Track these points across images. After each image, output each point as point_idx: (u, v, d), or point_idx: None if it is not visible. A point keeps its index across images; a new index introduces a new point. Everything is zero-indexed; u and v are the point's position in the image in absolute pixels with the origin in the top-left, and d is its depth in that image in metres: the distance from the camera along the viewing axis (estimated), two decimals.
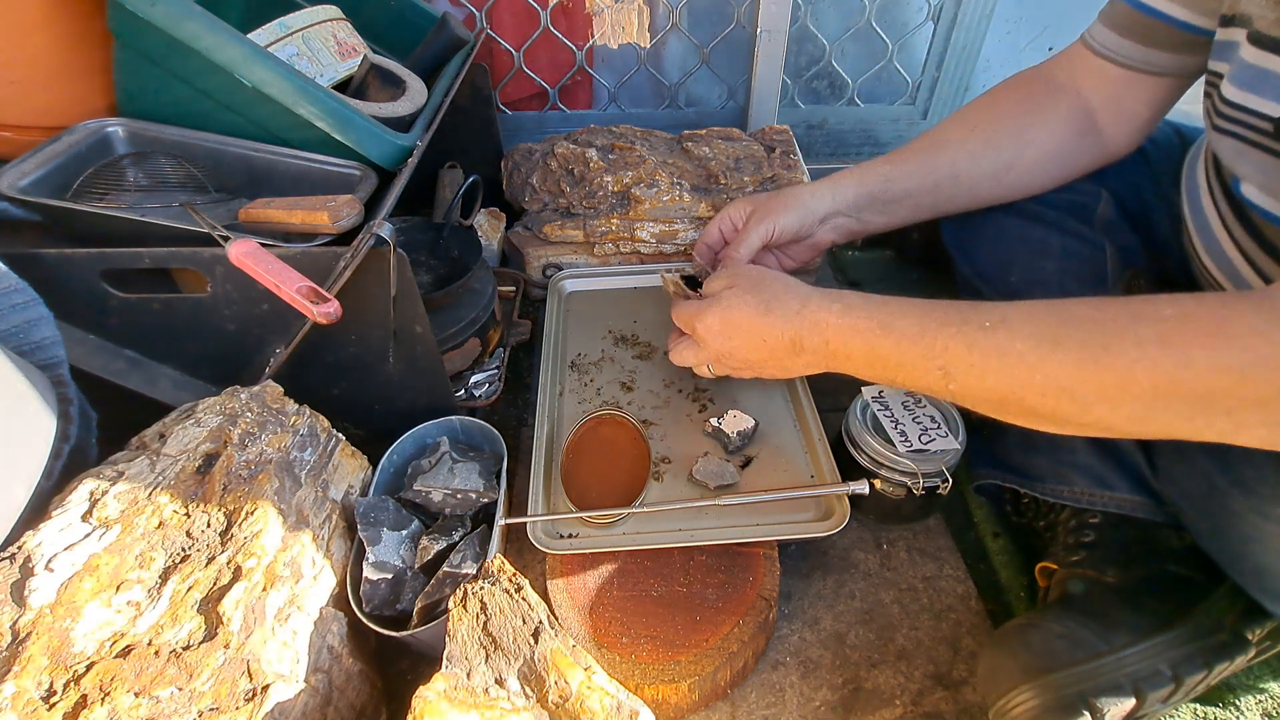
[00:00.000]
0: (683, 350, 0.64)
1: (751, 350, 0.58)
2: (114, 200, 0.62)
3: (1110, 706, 0.48)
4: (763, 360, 0.58)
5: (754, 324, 0.56)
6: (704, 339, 0.60)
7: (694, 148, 0.99)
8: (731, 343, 0.58)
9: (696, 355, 0.63)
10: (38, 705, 0.38)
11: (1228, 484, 0.50)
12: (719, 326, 0.58)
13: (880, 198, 0.69)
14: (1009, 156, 0.66)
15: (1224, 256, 0.55)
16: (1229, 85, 0.49)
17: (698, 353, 0.63)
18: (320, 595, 0.53)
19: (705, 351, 0.62)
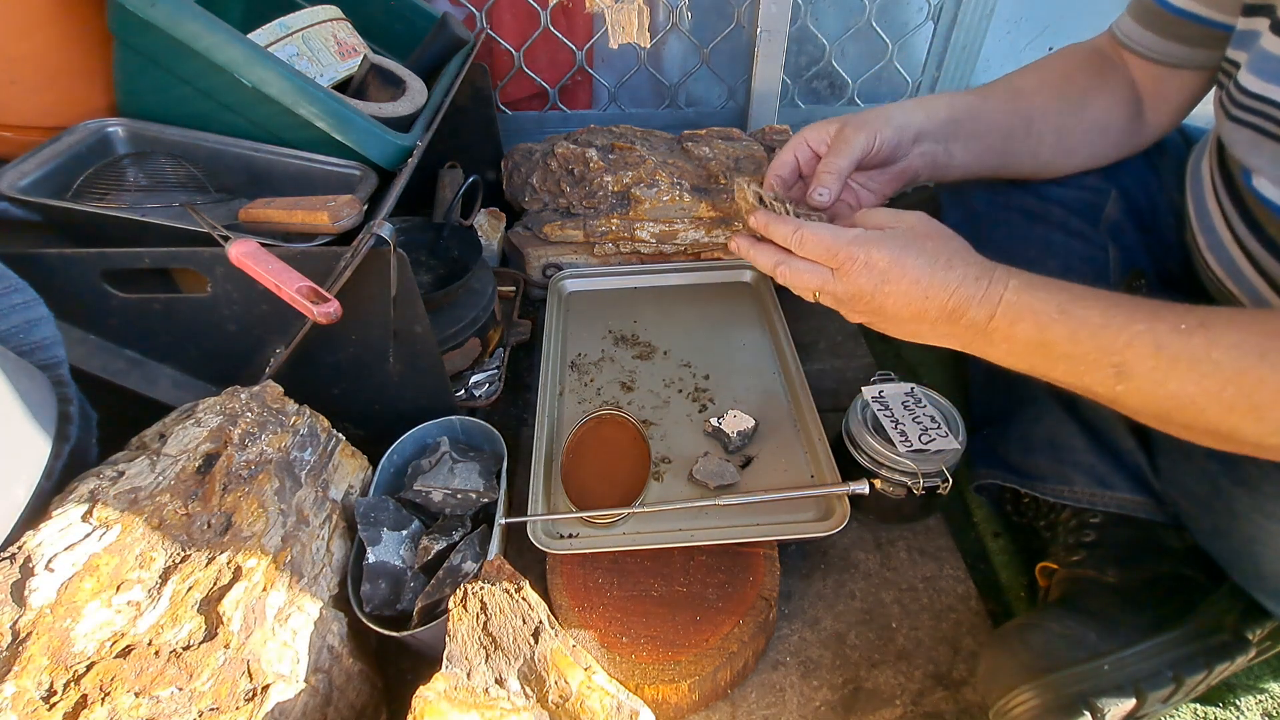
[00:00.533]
0: (804, 274, 0.53)
1: (902, 303, 0.49)
2: (114, 200, 0.62)
3: (1111, 707, 0.48)
4: (904, 317, 0.50)
5: (923, 277, 0.48)
6: (849, 273, 0.50)
7: (694, 148, 0.99)
8: (884, 288, 0.49)
9: (822, 283, 0.53)
10: (38, 705, 0.38)
11: (1232, 485, 0.50)
12: (884, 266, 0.49)
13: (968, 128, 0.64)
14: (1070, 120, 0.65)
15: (1226, 253, 0.55)
16: (1247, 74, 0.48)
17: (826, 282, 0.52)
18: (320, 595, 0.53)
19: (840, 285, 0.51)
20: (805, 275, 0.54)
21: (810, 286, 0.54)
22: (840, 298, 0.52)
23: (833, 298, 0.53)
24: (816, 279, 0.53)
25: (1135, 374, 0.42)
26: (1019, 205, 0.69)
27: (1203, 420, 0.40)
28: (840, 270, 0.51)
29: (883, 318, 0.52)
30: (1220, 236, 0.56)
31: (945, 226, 0.52)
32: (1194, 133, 0.71)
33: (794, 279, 0.54)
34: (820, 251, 0.51)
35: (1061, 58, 0.67)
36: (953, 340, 0.50)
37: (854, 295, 0.51)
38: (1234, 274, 0.55)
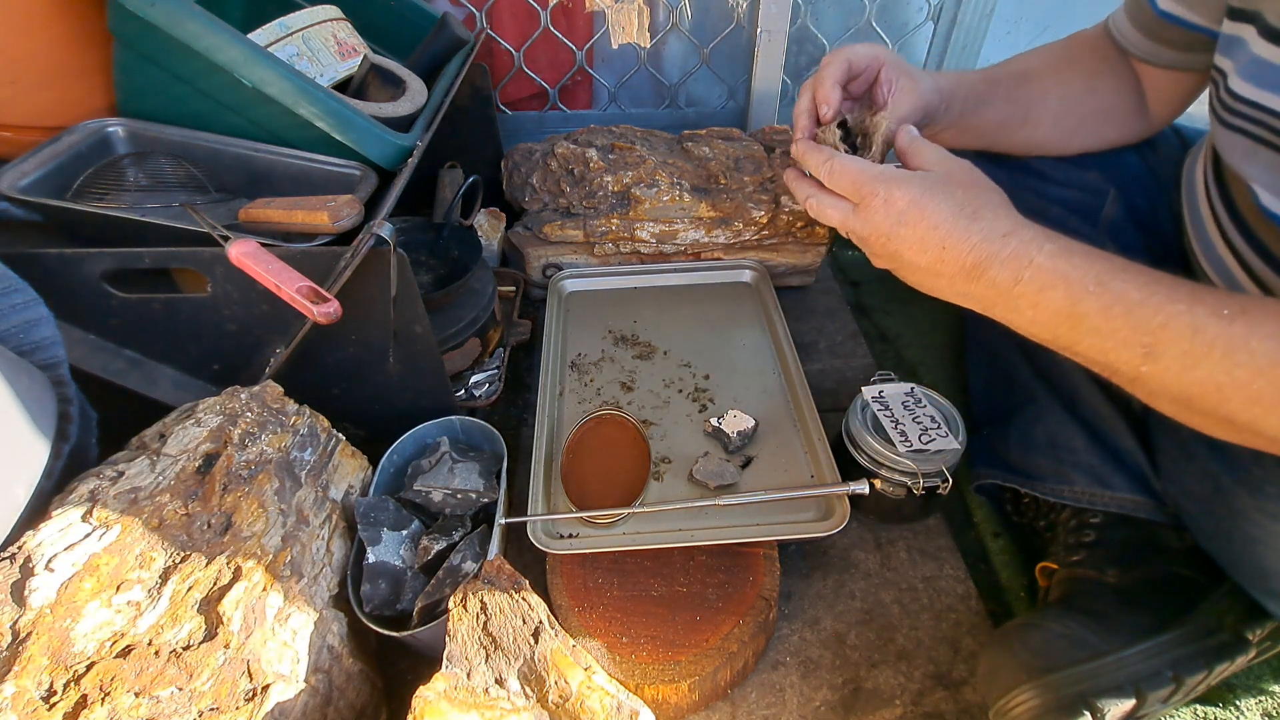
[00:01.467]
0: (828, 209, 0.51)
1: (917, 250, 0.46)
2: (114, 200, 0.62)
3: (1110, 707, 0.48)
4: (920, 266, 0.47)
5: (943, 224, 0.45)
6: (869, 209, 0.48)
7: (694, 148, 0.99)
8: (900, 230, 0.47)
9: (843, 218, 0.51)
10: (38, 705, 0.38)
11: (1234, 484, 0.50)
12: (903, 206, 0.46)
13: (979, 94, 0.64)
14: (1072, 104, 0.65)
15: (1218, 258, 0.55)
16: (1239, 81, 0.48)
17: (847, 217, 0.50)
18: (320, 595, 0.53)
19: (858, 221, 0.49)
20: (829, 209, 0.51)
21: (832, 221, 0.52)
22: (861, 236, 0.50)
23: (856, 236, 0.51)
24: (839, 214, 0.51)
25: (1165, 356, 0.39)
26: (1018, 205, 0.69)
27: (1224, 409, 0.39)
28: (861, 205, 0.48)
29: (899, 264, 0.49)
30: (1212, 241, 0.56)
31: (987, 178, 0.49)
32: (1190, 133, 0.71)
33: (819, 212, 0.52)
34: (846, 184, 0.49)
35: (1070, 41, 0.67)
36: (972, 301, 0.47)
37: (871, 234, 0.49)
38: (1226, 279, 0.55)
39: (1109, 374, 0.43)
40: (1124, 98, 0.65)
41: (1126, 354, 0.41)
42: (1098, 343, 0.42)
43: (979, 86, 0.64)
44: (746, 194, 0.94)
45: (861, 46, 0.59)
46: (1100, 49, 0.65)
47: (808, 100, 0.59)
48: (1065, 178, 0.68)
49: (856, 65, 0.59)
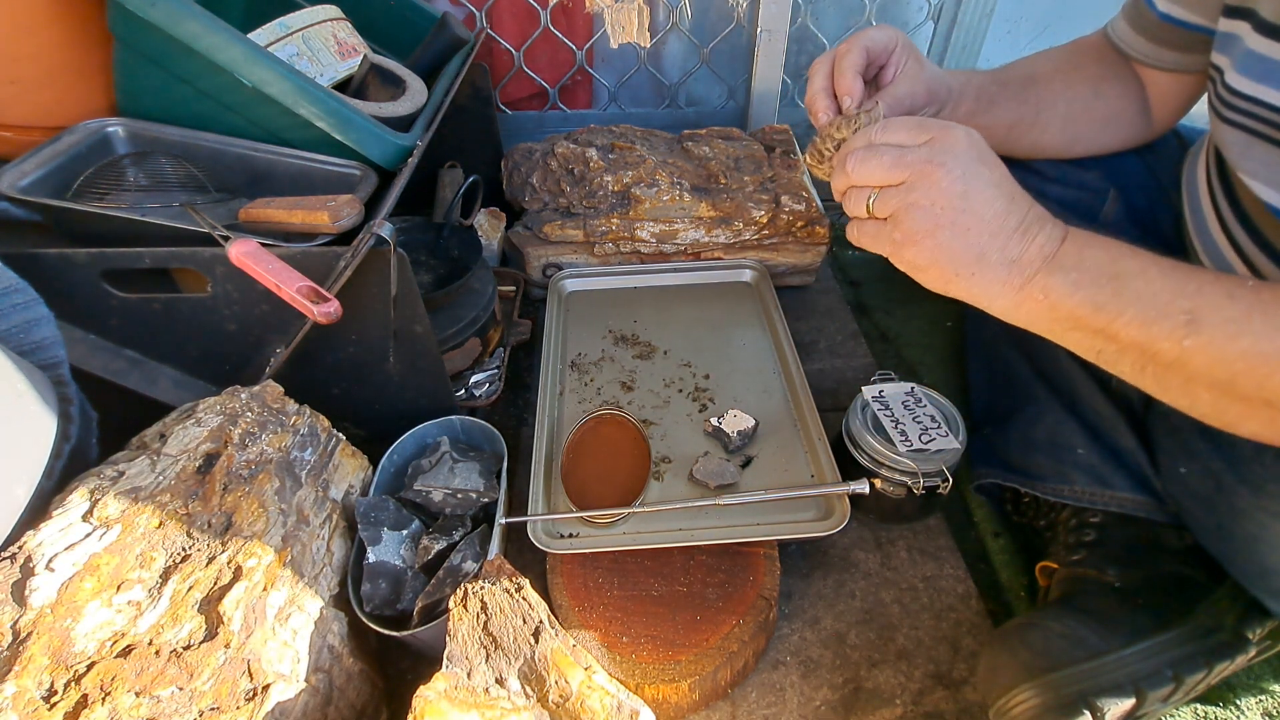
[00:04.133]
0: (883, 155, 0.43)
1: (985, 200, 0.41)
2: (114, 200, 0.62)
3: (1110, 706, 0.48)
4: (983, 221, 0.41)
5: (1006, 177, 0.42)
6: (942, 146, 0.42)
7: (694, 147, 0.99)
8: (980, 169, 0.42)
9: (887, 173, 0.43)
10: (38, 705, 0.38)
11: (1235, 482, 0.50)
12: (979, 151, 0.42)
13: (990, 93, 0.63)
14: (1078, 109, 0.65)
15: (1219, 254, 0.55)
16: (1235, 75, 0.48)
17: (891, 171, 0.42)
18: (320, 595, 0.53)
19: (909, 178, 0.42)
20: (880, 157, 0.43)
21: (871, 177, 0.43)
22: (907, 202, 0.42)
23: (903, 204, 0.42)
24: (881, 171, 0.43)
25: (1207, 324, 0.38)
26: None
27: (1269, 386, 0.37)
28: (935, 141, 0.42)
29: (950, 230, 0.41)
30: (1214, 237, 0.56)
31: None
32: (1189, 134, 0.71)
33: (861, 168, 0.43)
34: (908, 126, 0.43)
35: (1073, 47, 0.67)
36: (1012, 271, 0.41)
37: (923, 199, 0.41)
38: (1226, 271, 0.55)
39: (1149, 360, 0.40)
40: (1129, 102, 0.65)
41: (1169, 325, 0.39)
42: (1140, 311, 0.39)
43: (989, 86, 0.64)
44: (746, 194, 0.94)
45: (877, 31, 0.56)
46: (1103, 55, 0.65)
47: (824, 80, 0.55)
48: (1065, 177, 0.68)
49: (874, 52, 0.56)
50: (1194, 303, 0.38)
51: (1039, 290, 0.41)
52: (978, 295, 0.43)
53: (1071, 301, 0.40)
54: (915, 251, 0.42)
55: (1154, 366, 0.40)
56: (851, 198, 0.45)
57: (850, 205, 0.46)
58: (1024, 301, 0.42)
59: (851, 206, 0.46)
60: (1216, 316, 0.38)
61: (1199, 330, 0.38)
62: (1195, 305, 0.38)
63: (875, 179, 0.43)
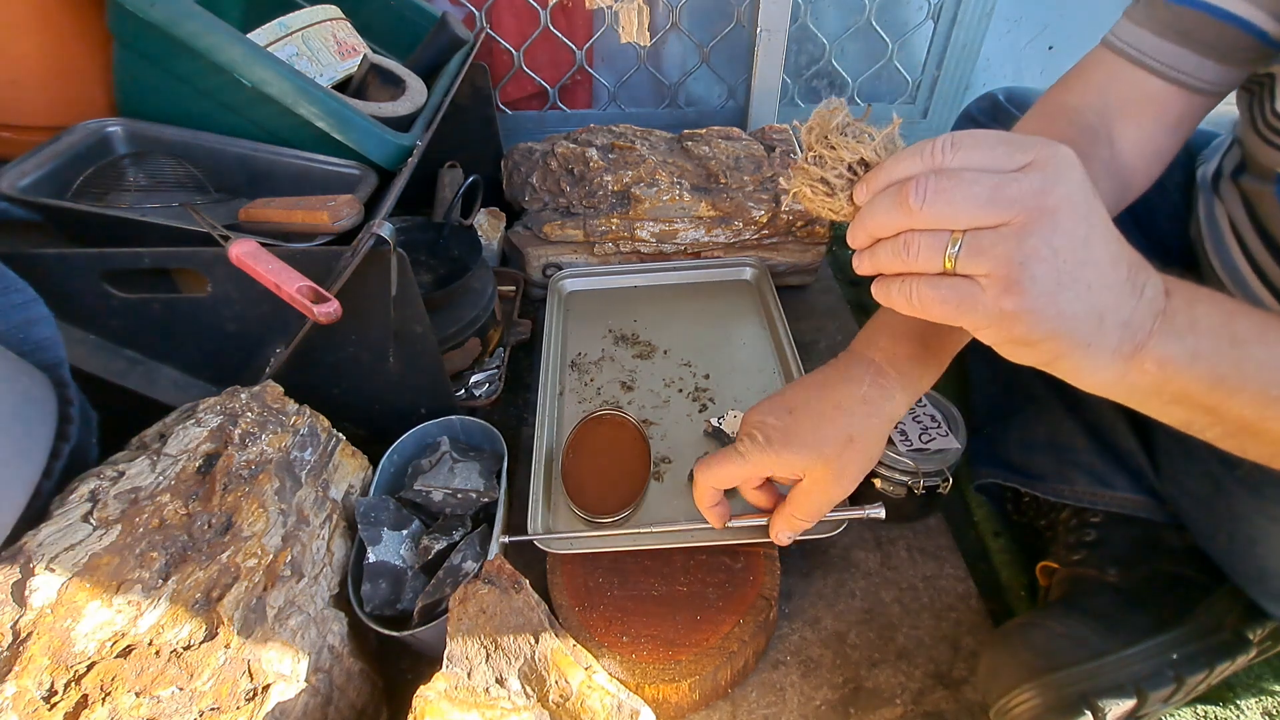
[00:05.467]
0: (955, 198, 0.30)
1: (1106, 239, 0.31)
2: (114, 200, 0.62)
3: (1111, 706, 0.48)
4: (1102, 261, 0.31)
5: (1106, 222, 0.32)
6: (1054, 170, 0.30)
7: (694, 147, 0.99)
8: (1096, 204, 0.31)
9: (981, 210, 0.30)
10: (39, 705, 0.38)
11: (1234, 485, 0.50)
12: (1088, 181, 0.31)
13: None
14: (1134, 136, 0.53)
15: (1231, 261, 0.55)
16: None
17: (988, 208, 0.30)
18: (321, 595, 0.53)
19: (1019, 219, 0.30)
20: (968, 186, 0.30)
21: (974, 196, 0.30)
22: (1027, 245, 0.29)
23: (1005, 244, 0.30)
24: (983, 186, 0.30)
25: None
26: None
27: None
28: (1042, 164, 0.30)
29: (1074, 289, 0.30)
30: (1227, 246, 0.55)
31: None
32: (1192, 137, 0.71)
33: (946, 190, 0.30)
34: (992, 143, 0.31)
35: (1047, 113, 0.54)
36: (1124, 336, 0.32)
37: (1051, 208, 0.29)
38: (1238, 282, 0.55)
39: (1252, 437, 0.34)
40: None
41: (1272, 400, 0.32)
42: (1261, 389, 0.32)
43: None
44: (746, 193, 0.94)
45: None
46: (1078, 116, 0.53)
47: None
48: None
49: None
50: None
51: (1152, 361, 0.32)
52: (1083, 370, 0.33)
53: (1190, 374, 0.32)
54: (1031, 324, 0.30)
55: (1257, 441, 0.34)
56: (915, 245, 0.31)
57: (907, 255, 0.32)
58: (1130, 372, 0.32)
59: (913, 256, 0.32)
60: None
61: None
62: None
63: (961, 219, 0.30)
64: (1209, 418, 0.34)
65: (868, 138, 0.34)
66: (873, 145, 0.34)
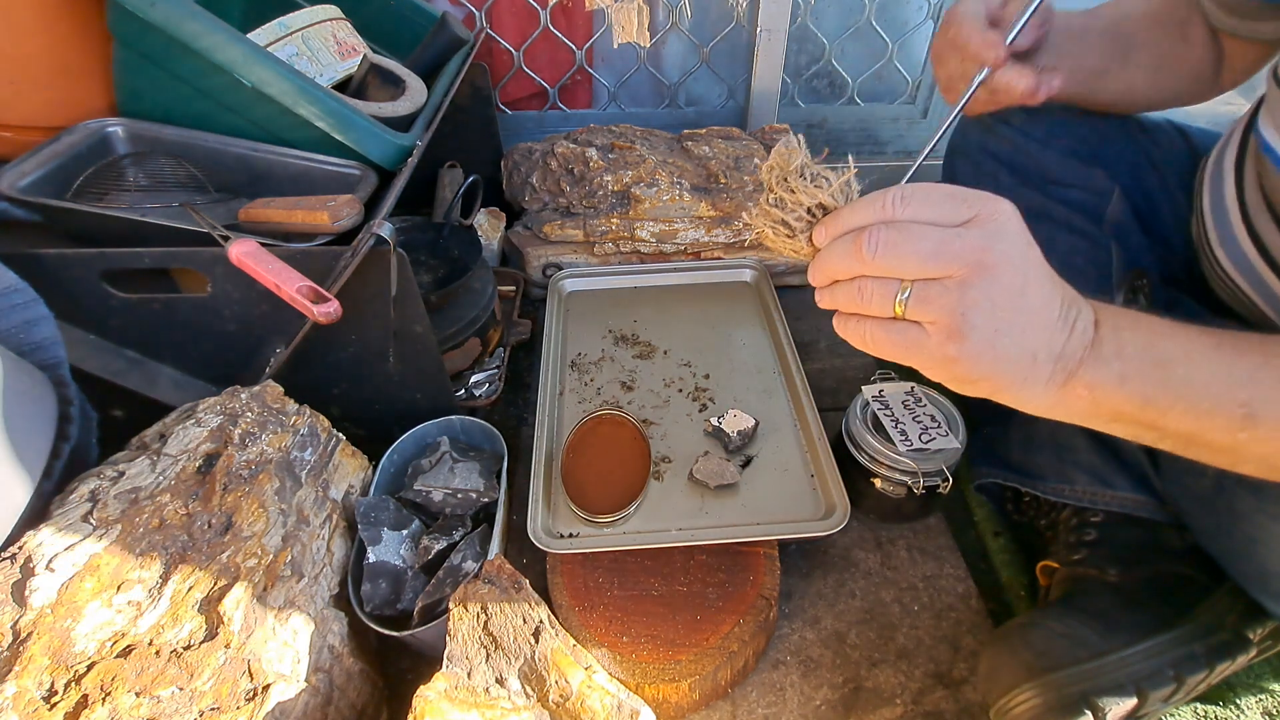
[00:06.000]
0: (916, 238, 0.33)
1: (1041, 283, 0.34)
2: (114, 200, 0.62)
3: (1112, 706, 0.48)
4: (1034, 308, 0.34)
5: (1041, 270, 0.35)
6: (994, 221, 0.34)
7: (694, 147, 0.99)
8: (1031, 252, 0.35)
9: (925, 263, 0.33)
10: (39, 705, 0.38)
11: (1235, 484, 0.50)
12: (1024, 229, 0.35)
13: (1076, 28, 0.59)
14: (1169, 55, 0.62)
15: (1238, 249, 0.55)
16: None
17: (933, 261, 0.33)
18: (321, 595, 0.53)
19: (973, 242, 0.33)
20: (916, 241, 0.32)
21: (904, 268, 0.33)
22: (963, 304, 0.32)
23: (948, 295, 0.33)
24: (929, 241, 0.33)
25: (1265, 418, 0.34)
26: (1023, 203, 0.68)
27: None
28: (984, 220, 0.33)
29: (1009, 334, 0.33)
30: (1234, 230, 0.55)
31: None
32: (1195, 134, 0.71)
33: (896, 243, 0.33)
34: (939, 199, 0.34)
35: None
36: (1056, 368, 0.35)
37: (990, 263, 0.32)
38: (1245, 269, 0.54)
39: (1198, 447, 0.37)
40: (1209, 54, 0.62)
41: (1223, 418, 0.35)
42: (1190, 405, 0.35)
43: (1074, 19, 0.59)
44: (746, 193, 0.94)
45: None
46: (1181, 7, 0.61)
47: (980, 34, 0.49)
48: (1070, 177, 0.68)
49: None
50: (1249, 393, 0.34)
51: (1083, 386, 0.35)
52: (1021, 398, 0.36)
53: (1119, 396, 0.35)
54: (971, 366, 0.33)
55: (1202, 450, 0.37)
56: (866, 292, 0.34)
57: (860, 299, 0.34)
58: (1065, 398, 0.36)
59: (866, 300, 0.34)
60: (1274, 409, 0.34)
61: (1256, 424, 0.34)
62: (1250, 396, 0.34)
63: (909, 269, 0.32)
64: (1152, 432, 0.36)
65: (825, 181, 0.36)
66: (830, 190, 0.36)
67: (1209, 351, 0.35)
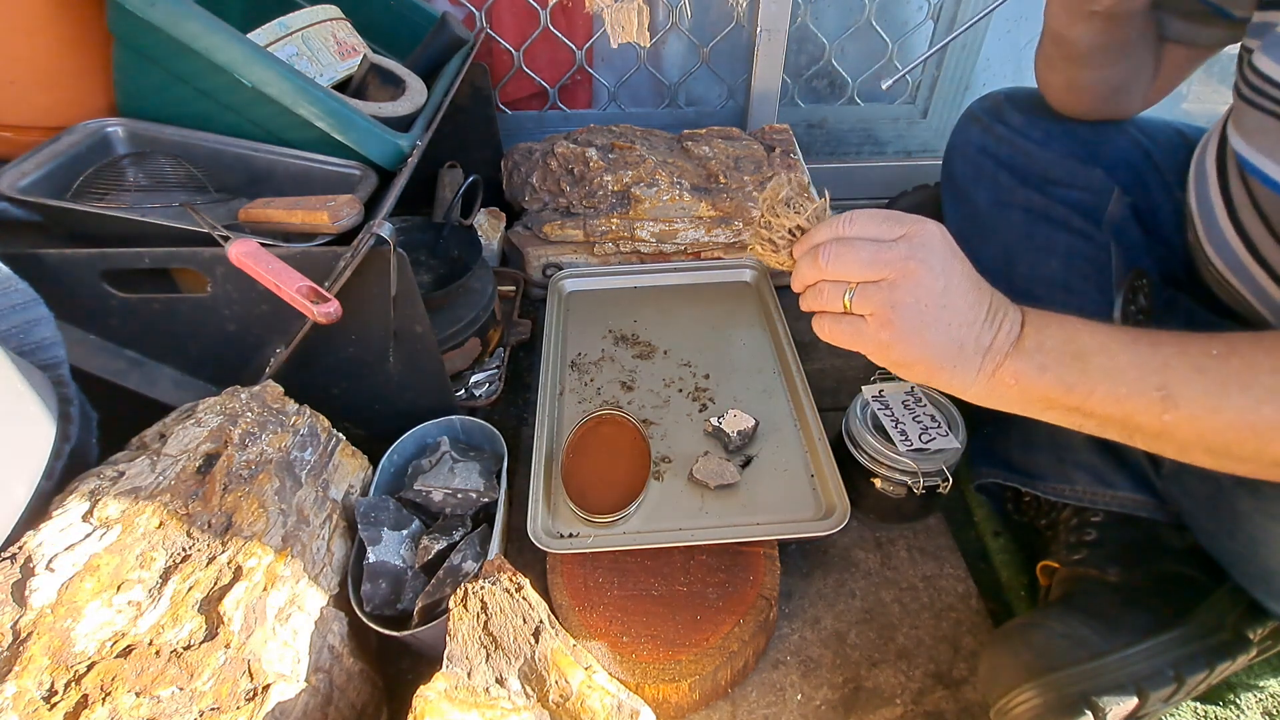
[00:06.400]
0: (857, 249, 0.41)
1: (964, 289, 0.41)
2: (114, 200, 0.62)
3: (1112, 706, 0.48)
4: (960, 309, 0.41)
5: (971, 270, 0.42)
6: (919, 239, 0.41)
7: (694, 147, 0.99)
8: (953, 264, 0.41)
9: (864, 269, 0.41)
10: (39, 705, 0.38)
11: (1235, 485, 0.50)
12: (949, 244, 0.42)
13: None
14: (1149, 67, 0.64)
15: (1228, 247, 0.55)
16: (1261, 57, 0.48)
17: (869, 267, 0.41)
18: (321, 595, 0.53)
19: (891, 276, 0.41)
20: (857, 252, 0.41)
21: (860, 259, 0.41)
22: (895, 295, 0.40)
23: (881, 294, 0.41)
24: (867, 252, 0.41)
25: (1183, 400, 0.37)
26: (1023, 204, 0.69)
27: (1268, 452, 0.37)
28: (911, 237, 0.41)
29: (935, 327, 0.41)
30: (1222, 229, 0.56)
31: None
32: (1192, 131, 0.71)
33: (842, 254, 0.41)
34: (878, 220, 0.42)
35: None
36: (985, 359, 0.41)
37: (913, 269, 0.40)
38: (1235, 267, 0.55)
39: (1134, 431, 0.40)
40: (1151, 64, 0.64)
41: (1144, 401, 0.38)
42: (1110, 389, 0.39)
43: None
44: (746, 193, 0.94)
45: None
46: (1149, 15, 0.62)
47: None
48: (1070, 178, 0.68)
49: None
50: (1163, 378, 0.38)
51: (1010, 376, 0.41)
52: (955, 385, 0.43)
53: (1041, 384, 0.41)
54: (903, 350, 0.41)
55: (1140, 436, 0.40)
56: (825, 293, 0.43)
57: (821, 299, 0.43)
58: (996, 387, 0.42)
59: (824, 301, 0.43)
60: (1190, 391, 0.37)
61: (1176, 406, 0.38)
62: (1165, 380, 0.38)
63: (852, 274, 0.42)
64: (1084, 418, 0.41)
65: (804, 208, 0.46)
66: (806, 215, 0.45)
67: (1126, 344, 0.39)
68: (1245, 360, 0.37)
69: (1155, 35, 0.63)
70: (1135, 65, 0.64)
